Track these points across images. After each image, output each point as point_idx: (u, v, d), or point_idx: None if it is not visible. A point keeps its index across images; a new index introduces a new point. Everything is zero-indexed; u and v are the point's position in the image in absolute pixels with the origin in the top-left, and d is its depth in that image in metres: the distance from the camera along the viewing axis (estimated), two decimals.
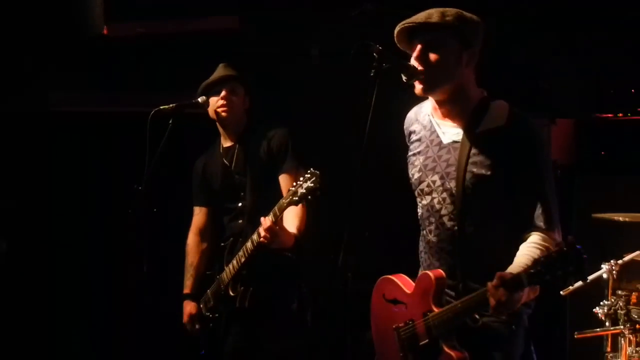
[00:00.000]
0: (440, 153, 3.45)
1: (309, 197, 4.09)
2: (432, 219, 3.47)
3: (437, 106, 3.49)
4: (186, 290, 4.97)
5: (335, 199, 3.16)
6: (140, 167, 4.49)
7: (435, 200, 3.45)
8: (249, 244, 4.46)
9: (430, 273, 3.42)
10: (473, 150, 3.35)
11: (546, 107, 5.70)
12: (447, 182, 3.40)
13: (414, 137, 3.62)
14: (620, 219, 4.52)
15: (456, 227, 3.39)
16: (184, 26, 6.18)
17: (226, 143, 4.89)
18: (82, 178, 6.48)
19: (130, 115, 5.78)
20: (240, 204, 4.75)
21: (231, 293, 4.64)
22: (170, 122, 4.57)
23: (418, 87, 3.39)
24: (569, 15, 5.71)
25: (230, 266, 4.64)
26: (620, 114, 5.59)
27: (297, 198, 4.11)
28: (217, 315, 4.79)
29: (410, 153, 3.63)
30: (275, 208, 4.26)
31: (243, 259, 4.53)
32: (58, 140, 6.45)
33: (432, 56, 3.34)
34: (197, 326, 4.87)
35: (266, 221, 4.29)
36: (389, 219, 3.93)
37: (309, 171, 4.11)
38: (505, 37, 5.61)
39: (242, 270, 4.58)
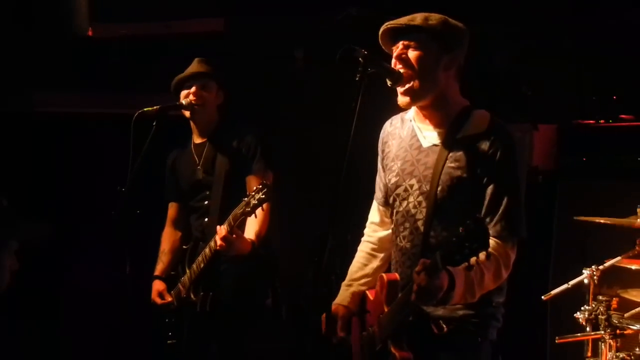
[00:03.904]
0: (419, 157, 3.47)
1: (260, 208, 4.23)
2: (407, 224, 3.46)
3: (419, 111, 3.50)
4: (156, 273, 5.00)
5: (318, 202, 3.17)
6: (123, 169, 4.49)
7: (411, 205, 3.45)
8: (207, 250, 4.54)
9: (383, 274, 3.46)
10: (451, 154, 3.37)
11: (528, 113, 5.72)
12: (423, 185, 3.41)
13: (390, 145, 3.63)
14: (602, 221, 4.55)
15: (425, 229, 3.38)
16: (169, 28, 6.18)
17: (197, 140, 4.91)
18: (65, 179, 6.46)
19: (114, 116, 5.78)
20: (206, 202, 4.77)
21: (192, 297, 4.67)
22: (154, 124, 4.59)
23: (402, 99, 3.42)
24: (552, 21, 5.74)
25: (191, 271, 4.68)
26: (602, 121, 5.62)
27: (249, 209, 4.23)
28: (180, 316, 4.81)
29: (386, 160, 3.64)
30: (230, 217, 4.34)
31: (202, 265, 4.61)
32: (41, 141, 6.43)
33: (411, 55, 3.36)
34: (166, 299, 4.88)
35: (221, 230, 4.37)
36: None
37: (261, 183, 4.23)
38: (488, 42, 5.63)
39: (202, 275, 4.63)
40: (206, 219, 4.74)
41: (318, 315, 3.41)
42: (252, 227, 4.60)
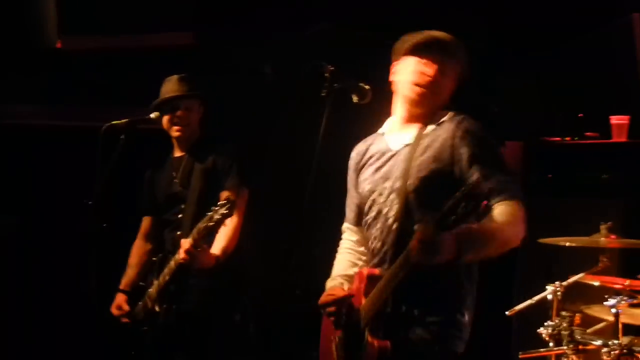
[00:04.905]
0: (391, 160, 3.48)
1: (223, 223, 4.20)
2: (379, 224, 3.45)
3: (405, 112, 3.51)
4: (121, 286, 5.00)
5: (285, 217, 3.18)
6: (91, 182, 4.48)
7: (382, 203, 3.44)
8: (172, 263, 4.54)
9: (363, 270, 3.46)
10: (419, 146, 3.38)
11: (495, 130, 5.75)
12: (395, 183, 3.40)
13: (363, 162, 3.64)
14: (567, 244, 4.58)
15: (398, 225, 3.35)
16: (139, 41, 6.17)
17: (177, 153, 4.92)
18: (31, 193, 6.43)
19: (82, 129, 5.76)
20: (180, 216, 4.77)
21: (157, 309, 4.67)
22: (122, 137, 4.58)
23: (413, 95, 3.42)
24: (518, 37, 5.79)
25: (157, 283, 4.67)
26: (568, 138, 5.66)
27: (212, 223, 4.21)
28: (145, 328, 4.78)
29: (360, 176, 3.64)
30: (194, 231, 4.32)
31: (167, 277, 4.59)
32: (7, 154, 6.39)
33: (442, 80, 3.43)
34: (122, 312, 4.88)
35: (185, 243, 4.37)
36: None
37: (225, 198, 4.24)
38: None
39: (167, 288, 4.62)
40: (178, 232, 4.73)
41: (283, 330, 3.41)
42: (219, 242, 4.61)
